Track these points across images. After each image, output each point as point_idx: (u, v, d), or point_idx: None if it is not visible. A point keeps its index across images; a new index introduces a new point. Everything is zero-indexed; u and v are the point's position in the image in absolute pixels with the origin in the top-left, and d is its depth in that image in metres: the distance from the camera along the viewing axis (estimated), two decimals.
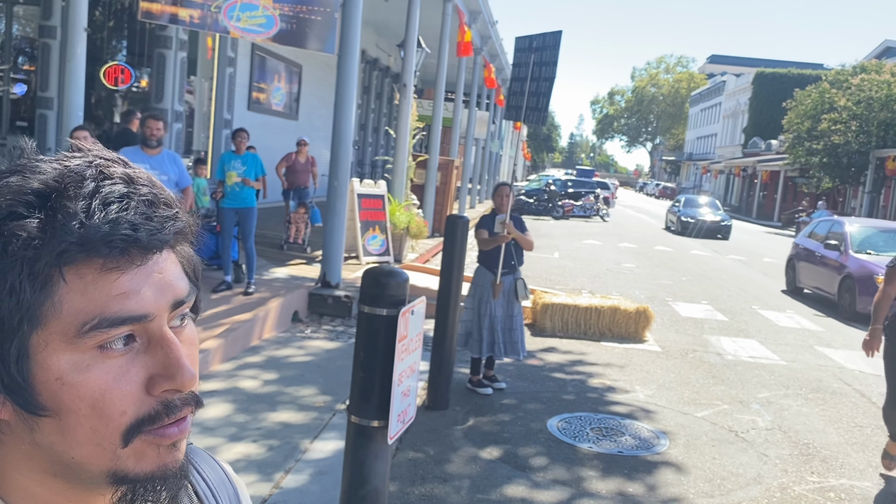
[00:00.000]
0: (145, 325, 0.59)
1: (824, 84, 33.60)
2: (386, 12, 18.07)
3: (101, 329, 0.57)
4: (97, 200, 0.57)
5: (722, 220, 26.21)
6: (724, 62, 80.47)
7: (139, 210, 0.59)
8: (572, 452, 4.94)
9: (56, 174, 0.58)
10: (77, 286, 0.57)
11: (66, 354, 0.57)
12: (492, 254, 5.97)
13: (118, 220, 0.57)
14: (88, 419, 0.58)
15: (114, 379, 0.58)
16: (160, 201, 0.61)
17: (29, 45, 12.19)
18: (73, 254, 0.56)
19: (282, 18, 8.01)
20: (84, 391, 0.58)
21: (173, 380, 0.60)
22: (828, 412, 6.36)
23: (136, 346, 0.60)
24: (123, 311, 0.58)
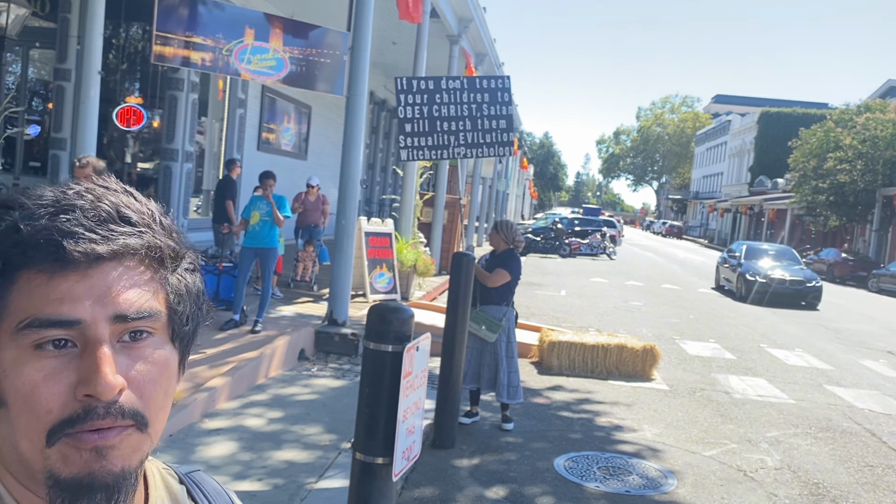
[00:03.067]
0: (82, 332, 0.63)
1: (829, 123, 33.82)
2: (394, 55, 18.40)
3: (33, 328, 0.62)
4: (45, 211, 0.63)
5: (806, 279, 18.09)
6: (728, 102, 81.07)
7: (83, 223, 0.63)
8: (579, 492, 4.90)
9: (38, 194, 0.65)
10: (26, 289, 0.62)
11: (10, 350, 0.62)
12: None
13: (51, 227, 0.62)
14: (23, 412, 0.62)
15: (44, 378, 0.62)
16: (120, 219, 0.65)
17: (44, 88, 12.44)
18: (12, 256, 0.62)
19: (292, 61, 8.18)
20: (18, 384, 0.62)
21: (89, 385, 0.62)
22: (837, 451, 6.30)
23: (73, 350, 0.63)
24: (55, 314, 0.62)
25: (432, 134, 6.76)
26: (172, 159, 11.89)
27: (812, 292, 17.85)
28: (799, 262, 19.69)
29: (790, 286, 17.76)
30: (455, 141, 6.75)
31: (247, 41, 7.91)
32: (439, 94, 6.73)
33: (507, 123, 6.83)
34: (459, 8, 14.19)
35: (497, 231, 6.18)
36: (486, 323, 5.92)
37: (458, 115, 6.74)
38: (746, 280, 18.06)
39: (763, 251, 20.11)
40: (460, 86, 6.80)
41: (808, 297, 17.82)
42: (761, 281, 17.74)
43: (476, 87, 6.82)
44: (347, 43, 8.37)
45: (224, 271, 8.26)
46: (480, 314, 5.96)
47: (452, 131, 6.74)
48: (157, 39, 7.46)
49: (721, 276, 20.59)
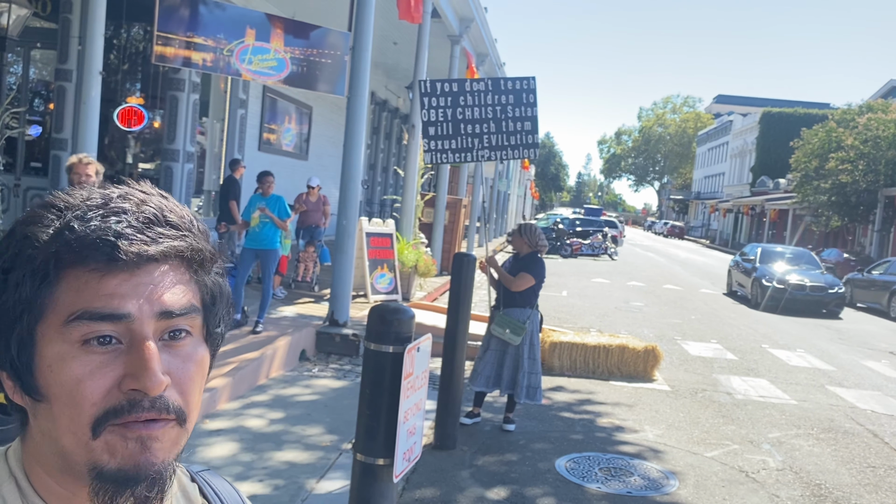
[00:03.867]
0: (127, 327, 0.65)
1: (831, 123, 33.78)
2: (395, 55, 18.40)
3: (83, 321, 0.64)
4: (96, 213, 0.66)
5: (827, 285, 16.82)
6: (730, 102, 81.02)
7: (131, 224, 0.66)
8: (580, 493, 4.88)
9: (85, 194, 0.68)
10: (73, 286, 0.65)
11: (57, 345, 0.64)
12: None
13: (104, 228, 0.65)
14: (67, 406, 0.64)
15: (90, 372, 0.64)
16: (165, 222, 0.68)
17: (45, 88, 12.44)
18: (64, 255, 0.64)
19: (293, 61, 8.17)
20: (64, 379, 0.64)
21: (138, 380, 0.64)
22: (840, 452, 6.28)
23: (119, 347, 0.65)
24: (105, 307, 0.64)
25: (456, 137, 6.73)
26: (173, 160, 11.89)
27: (834, 299, 16.64)
28: (819, 267, 18.33)
29: (810, 293, 16.52)
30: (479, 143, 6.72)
31: (248, 41, 7.90)
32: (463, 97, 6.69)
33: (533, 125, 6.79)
34: (460, 8, 14.18)
35: (521, 234, 6.18)
36: (510, 326, 5.94)
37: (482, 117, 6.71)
38: (762, 286, 16.82)
39: (779, 254, 18.67)
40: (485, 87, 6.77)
41: (829, 304, 16.61)
42: (779, 287, 16.45)
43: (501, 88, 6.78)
44: (348, 43, 8.37)
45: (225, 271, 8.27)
46: (504, 318, 5.96)
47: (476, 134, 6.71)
48: (158, 40, 7.46)
49: (733, 281, 19.31)
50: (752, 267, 17.87)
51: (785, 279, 16.66)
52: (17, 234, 0.67)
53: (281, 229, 7.85)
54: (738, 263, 19.18)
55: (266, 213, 7.70)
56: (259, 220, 7.71)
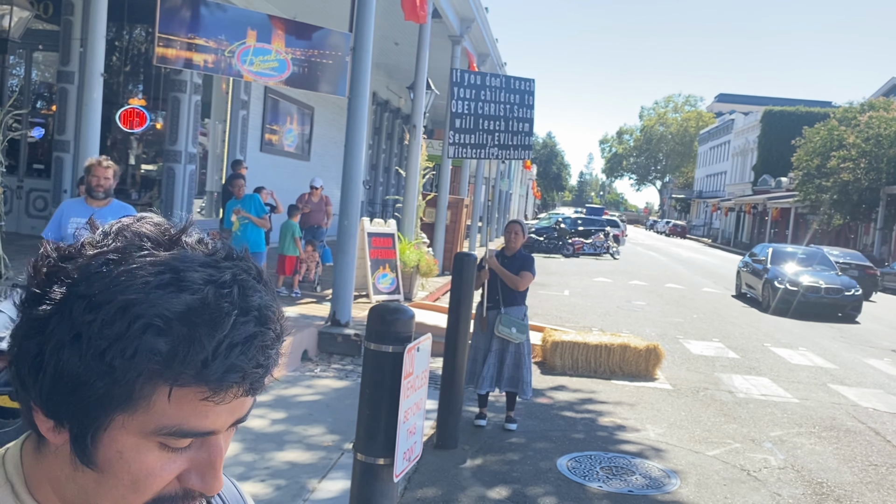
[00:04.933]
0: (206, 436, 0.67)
1: (833, 122, 33.76)
2: (396, 55, 18.42)
3: (174, 437, 0.65)
4: (226, 341, 0.63)
5: (843, 287, 15.91)
6: (731, 101, 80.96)
7: (256, 358, 0.65)
8: (582, 492, 4.89)
9: (200, 298, 0.63)
10: (175, 398, 0.64)
11: (134, 438, 0.65)
12: (483, 289, 6.10)
13: (234, 366, 0.64)
14: (125, 488, 0.66)
15: (160, 467, 0.66)
16: (276, 340, 0.68)
17: (47, 90, 12.48)
18: (186, 380, 0.63)
19: (294, 62, 8.18)
20: (134, 468, 0.65)
21: (204, 483, 0.67)
22: (842, 451, 6.29)
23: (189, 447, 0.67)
24: (199, 427, 0.65)
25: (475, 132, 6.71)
26: (175, 161, 11.92)
27: (851, 302, 15.67)
28: (833, 268, 17.34)
29: (826, 295, 15.64)
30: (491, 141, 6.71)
31: (249, 43, 7.92)
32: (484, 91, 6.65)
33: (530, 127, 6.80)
34: (461, 8, 14.20)
35: (524, 232, 6.22)
36: (515, 325, 5.98)
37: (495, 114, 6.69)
38: (774, 288, 15.94)
39: (792, 254, 17.71)
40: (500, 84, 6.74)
41: (846, 307, 15.67)
42: (791, 289, 15.57)
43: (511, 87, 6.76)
44: (349, 44, 8.38)
45: None
46: (509, 317, 5.99)
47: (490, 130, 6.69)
48: (159, 41, 7.47)
49: (743, 283, 18.46)
50: (762, 268, 17.04)
51: (800, 282, 15.77)
52: (126, 322, 0.62)
53: (262, 227, 7.66)
54: (748, 264, 18.42)
55: (243, 215, 7.51)
56: (239, 224, 7.54)
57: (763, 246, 19.27)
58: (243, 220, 7.47)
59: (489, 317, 6.05)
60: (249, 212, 7.50)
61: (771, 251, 17.77)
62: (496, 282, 6.04)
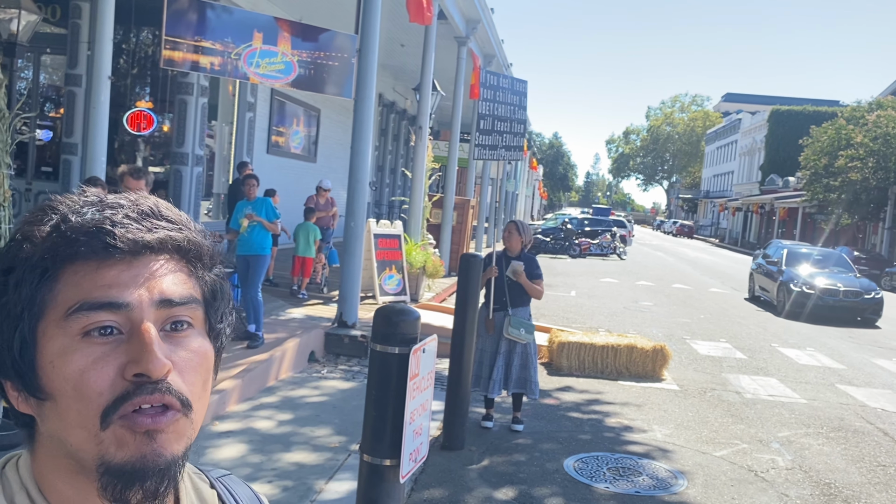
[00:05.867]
0: (127, 316, 0.66)
1: (840, 121, 33.60)
2: (402, 57, 18.44)
3: (82, 312, 0.65)
4: (93, 208, 0.67)
5: (863, 290, 15.22)
6: (739, 100, 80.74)
7: (128, 216, 0.68)
8: (588, 493, 4.89)
9: (81, 197, 0.69)
10: (72, 280, 0.65)
11: (58, 340, 0.65)
12: (487, 291, 6.09)
13: (101, 220, 0.66)
14: (73, 400, 0.64)
15: (93, 362, 0.64)
16: (159, 215, 0.70)
17: (55, 93, 12.54)
18: (61, 248, 0.65)
19: (300, 64, 8.21)
20: (68, 372, 0.64)
21: (140, 364, 0.65)
22: (850, 451, 6.27)
23: (120, 338, 0.66)
24: (104, 297, 0.65)
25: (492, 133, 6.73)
26: (183, 163, 11.96)
27: (871, 305, 14.94)
28: (851, 269, 16.68)
29: (844, 298, 14.93)
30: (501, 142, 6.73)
31: (255, 45, 7.94)
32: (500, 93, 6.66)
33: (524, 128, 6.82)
34: (467, 9, 14.20)
35: (519, 232, 6.15)
36: (524, 326, 6.00)
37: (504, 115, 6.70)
38: (790, 290, 15.21)
39: (807, 255, 17.01)
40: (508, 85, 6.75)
41: (865, 311, 14.94)
42: (808, 292, 14.97)
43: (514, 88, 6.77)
44: (355, 45, 8.40)
45: None
46: (516, 319, 6.00)
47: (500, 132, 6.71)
48: (166, 44, 7.51)
49: (756, 286, 17.75)
50: (777, 270, 16.35)
51: (816, 284, 15.12)
52: (17, 235, 0.68)
53: (271, 232, 7.56)
54: (762, 266, 17.69)
55: (253, 218, 7.42)
56: (248, 226, 7.44)
57: (777, 246, 18.46)
58: (253, 223, 7.40)
59: (496, 318, 6.03)
60: (260, 215, 7.47)
61: (786, 252, 17.04)
62: (503, 283, 6.02)
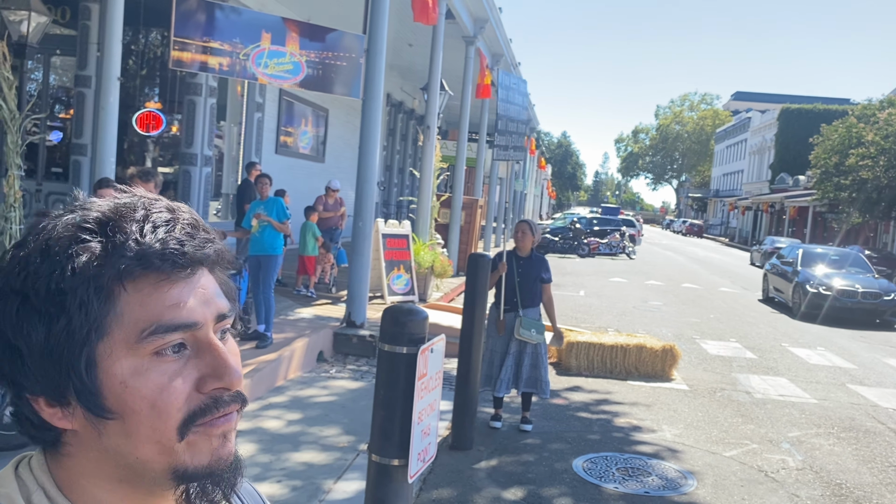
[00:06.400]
0: (194, 333, 0.68)
1: (851, 119, 33.39)
2: (410, 56, 18.44)
3: (158, 335, 0.65)
4: (149, 224, 0.67)
5: (882, 291, 14.72)
6: (748, 99, 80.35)
7: (184, 230, 0.68)
8: (597, 493, 4.88)
9: (111, 207, 0.68)
10: (136, 298, 0.65)
11: (128, 360, 0.65)
12: (497, 291, 6.07)
13: (167, 238, 0.67)
14: (149, 418, 0.65)
15: (169, 379, 0.66)
16: (200, 226, 0.71)
17: (65, 94, 12.61)
18: (132, 268, 0.65)
19: (308, 65, 8.22)
20: (145, 392, 0.65)
21: (221, 379, 0.68)
22: (861, 451, 6.22)
23: (186, 353, 0.68)
24: (176, 319, 0.66)
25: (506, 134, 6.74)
26: (191, 164, 12.00)
27: (890, 307, 14.41)
28: (869, 270, 16.12)
29: (863, 300, 14.44)
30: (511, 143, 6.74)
31: (264, 45, 7.96)
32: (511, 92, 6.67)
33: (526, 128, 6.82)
34: (475, 8, 14.19)
35: (532, 232, 6.17)
36: (535, 326, 6.00)
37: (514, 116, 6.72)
38: (806, 292, 14.73)
39: (823, 256, 16.58)
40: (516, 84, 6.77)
41: (885, 313, 14.42)
42: (824, 293, 14.49)
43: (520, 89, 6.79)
44: (363, 45, 8.40)
45: None
46: (527, 319, 6.00)
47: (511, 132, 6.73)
48: (175, 45, 7.53)
49: (770, 287, 17.26)
50: (792, 271, 15.91)
51: (833, 285, 14.63)
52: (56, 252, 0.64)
53: (281, 232, 7.54)
54: (776, 266, 17.22)
55: (264, 219, 7.41)
56: (259, 226, 7.44)
57: (792, 246, 18.03)
58: (263, 222, 7.40)
59: (507, 319, 6.02)
60: (271, 215, 7.46)
61: (801, 252, 16.63)
62: (513, 283, 6.02)
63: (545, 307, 6.22)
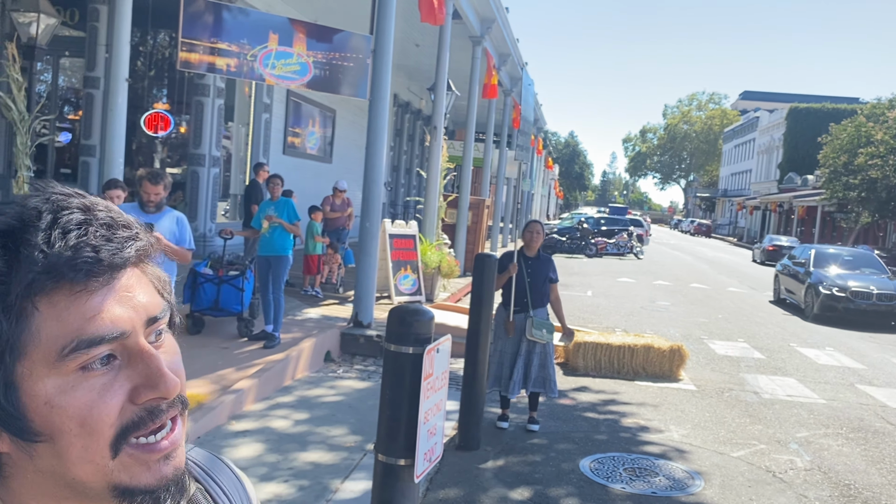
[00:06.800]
0: (123, 343, 0.63)
1: (860, 118, 33.22)
2: (417, 57, 18.46)
3: (81, 350, 0.60)
4: (56, 230, 0.61)
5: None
6: (756, 98, 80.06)
7: (98, 233, 0.62)
8: (604, 493, 4.87)
9: (14, 214, 0.62)
10: (51, 313, 0.60)
11: (51, 379, 0.60)
12: (506, 291, 6.07)
13: (78, 244, 0.61)
14: (79, 437, 0.61)
15: (98, 395, 0.61)
16: (119, 224, 0.65)
17: (74, 95, 12.68)
18: (42, 282, 0.59)
19: (315, 65, 8.24)
20: (72, 410, 0.61)
21: (156, 388, 0.63)
22: (870, 452, 6.20)
23: (117, 363, 0.63)
24: (99, 331, 0.61)
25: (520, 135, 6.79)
26: (199, 164, 12.05)
27: None
28: (884, 271, 15.65)
29: (878, 302, 14.05)
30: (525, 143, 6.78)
31: (271, 46, 7.99)
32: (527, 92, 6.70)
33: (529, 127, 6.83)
34: (482, 9, 14.19)
35: (542, 232, 6.25)
36: (546, 327, 6.02)
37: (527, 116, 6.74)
38: (818, 293, 14.38)
39: (836, 256, 16.23)
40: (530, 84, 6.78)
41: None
42: (838, 295, 14.12)
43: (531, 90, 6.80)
44: (370, 46, 8.42)
45: (224, 280, 7.44)
46: (539, 320, 6.02)
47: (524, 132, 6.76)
48: (182, 46, 7.57)
49: (781, 288, 16.96)
50: (804, 272, 15.55)
51: (848, 286, 14.24)
52: None
53: (292, 234, 7.54)
54: (787, 267, 16.89)
55: (274, 220, 7.42)
56: (269, 226, 7.45)
57: (804, 247, 17.70)
58: (274, 224, 7.42)
59: (517, 320, 6.02)
60: (282, 216, 7.47)
61: (813, 253, 16.25)
62: (524, 284, 6.02)
63: (553, 306, 6.24)
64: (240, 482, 0.86)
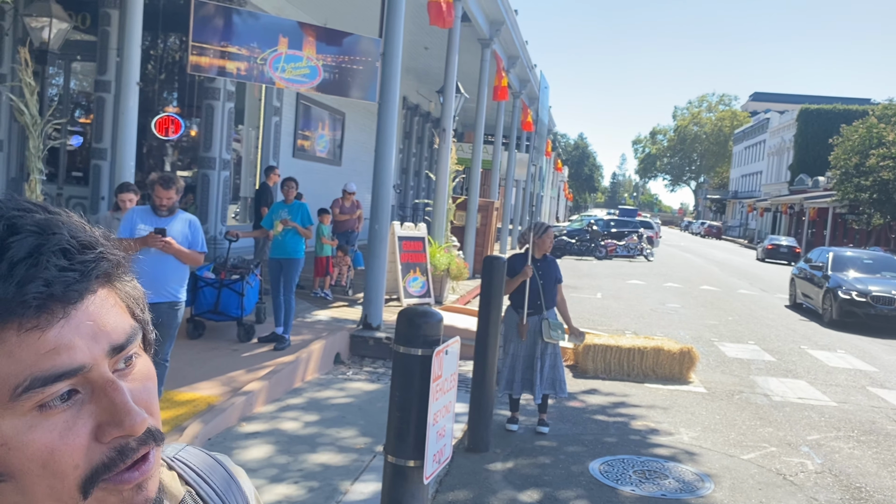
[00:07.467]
0: (85, 376, 0.58)
1: (872, 119, 33.04)
2: (426, 59, 18.49)
3: (35, 389, 0.55)
4: (3, 263, 0.55)
5: None
6: (767, 99, 79.75)
7: (51, 262, 0.56)
8: (614, 496, 4.87)
9: None
10: (2, 351, 0.55)
11: (6, 420, 0.56)
12: (517, 294, 6.06)
13: (26, 278, 0.55)
14: (42, 478, 0.57)
15: (59, 436, 0.57)
16: (80, 245, 0.59)
17: (85, 99, 12.77)
18: None
19: (325, 69, 8.27)
20: (31, 452, 0.56)
21: (121, 426, 0.58)
22: (881, 455, 6.16)
23: (79, 397, 0.58)
24: (56, 367, 0.56)
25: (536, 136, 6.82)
26: (210, 167, 12.10)
27: None
28: None
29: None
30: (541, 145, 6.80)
31: (281, 50, 8.03)
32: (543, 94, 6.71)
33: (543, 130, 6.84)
34: (490, 11, 14.21)
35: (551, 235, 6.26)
36: (559, 328, 6.05)
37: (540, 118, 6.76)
38: (837, 297, 13.90)
39: (855, 260, 15.73)
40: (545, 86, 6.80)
41: None
42: (858, 300, 13.62)
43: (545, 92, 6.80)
44: (379, 49, 8.45)
45: (225, 284, 7.44)
46: (553, 322, 6.05)
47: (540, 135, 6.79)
48: (193, 50, 7.61)
49: (798, 292, 16.50)
50: (822, 276, 15.04)
51: (869, 291, 13.70)
52: None
53: (304, 237, 7.57)
54: (804, 271, 16.41)
55: (288, 224, 7.44)
56: (282, 229, 7.47)
57: (821, 250, 17.02)
58: (288, 226, 7.46)
59: (530, 323, 6.03)
60: (296, 220, 7.51)
61: (831, 256, 15.67)
62: (537, 286, 6.03)
63: (559, 307, 6.25)
64: (234, 480, 0.82)
